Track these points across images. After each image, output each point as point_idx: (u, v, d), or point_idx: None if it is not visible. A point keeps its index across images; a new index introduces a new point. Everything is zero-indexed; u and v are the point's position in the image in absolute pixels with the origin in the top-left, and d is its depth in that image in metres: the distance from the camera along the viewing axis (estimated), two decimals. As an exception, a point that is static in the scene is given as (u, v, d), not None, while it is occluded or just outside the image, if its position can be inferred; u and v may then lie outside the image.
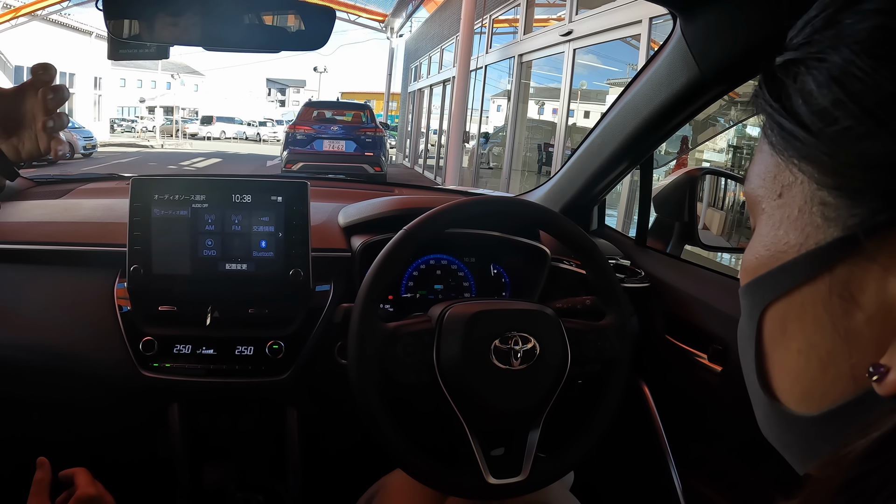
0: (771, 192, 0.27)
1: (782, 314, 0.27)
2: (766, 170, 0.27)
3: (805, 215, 0.25)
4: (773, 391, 0.29)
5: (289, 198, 0.92)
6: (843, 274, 0.24)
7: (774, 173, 0.27)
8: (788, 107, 0.25)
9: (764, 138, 0.28)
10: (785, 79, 0.26)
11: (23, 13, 17.22)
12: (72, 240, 0.96)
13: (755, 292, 0.28)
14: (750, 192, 0.29)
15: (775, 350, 0.28)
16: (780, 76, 0.26)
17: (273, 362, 0.91)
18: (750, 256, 0.29)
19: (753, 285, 0.29)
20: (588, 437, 0.78)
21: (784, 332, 0.27)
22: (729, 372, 0.84)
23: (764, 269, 0.28)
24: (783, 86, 0.26)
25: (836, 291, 0.24)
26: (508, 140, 8.03)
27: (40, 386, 0.93)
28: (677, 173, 1.12)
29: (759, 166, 0.28)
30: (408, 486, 0.81)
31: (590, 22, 5.68)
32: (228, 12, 0.65)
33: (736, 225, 1.18)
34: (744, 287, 0.30)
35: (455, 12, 10.15)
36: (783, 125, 0.25)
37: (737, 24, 0.71)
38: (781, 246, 0.26)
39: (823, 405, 0.25)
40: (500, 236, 1.02)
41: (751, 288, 0.29)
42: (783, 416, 0.28)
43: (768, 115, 0.27)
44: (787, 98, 0.25)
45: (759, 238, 0.28)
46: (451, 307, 0.76)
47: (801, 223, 0.25)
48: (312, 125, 8.20)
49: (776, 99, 0.26)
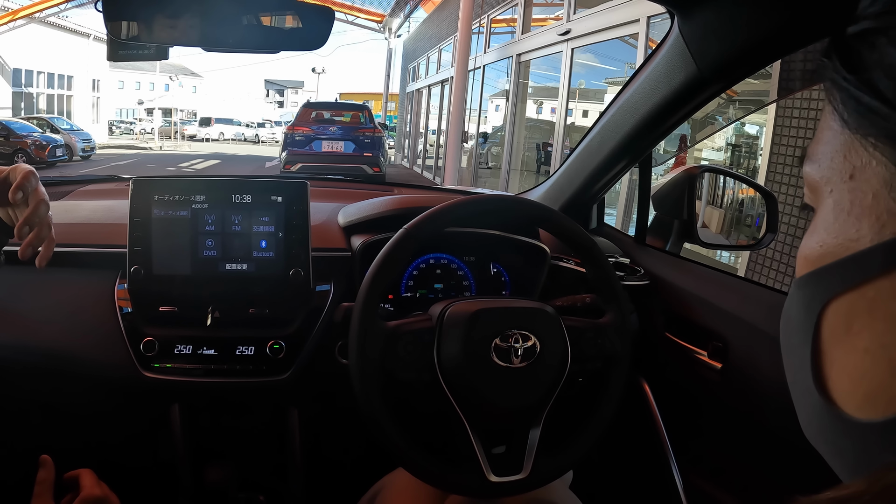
0: (840, 174, 0.24)
1: (848, 309, 0.24)
2: (835, 149, 0.25)
3: (881, 201, 0.22)
4: (829, 392, 0.26)
5: (289, 198, 0.92)
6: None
7: (845, 152, 0.24)
8: (866, 80, 0.23)
9: (832, 114, 0.25)
10: (861, 49, 0.23)
11: (21, 15, 17.21)
12: (72, 241, 0.96)
13: (817, 284, 0.26)
14: (812, 174, 0.26)
15: (836, 348, 0.25)
16: (856, 46, 0.23)
17: (274, 362, 0.91)
18: (812, 244, 0.26)
19: (815, 276, 0.26)
20: (588, 435, 0.78)
21: (849, 329, 0.24)
22: (729, 369, 0.84)
23: (829, 259, 0.25)
24: (859, 57, 0.23)
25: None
26: (507, 140, 8.04)
27: (41, 388, 0.93)
28: (676, 171, 1.12)
29: (826, 145, 0.25)
30: (410, 485, 0.81)
31: (588, 21, 5.69)
32: (227, 13, 0.65)
33: (735, 222, 1.18)
34: (803, 277, 0.27)
35: (453, 12, 10.15)
36: (860, 99, 0.23)
37: (734, 22, 0.72)
38: (852, 234, 0.24)
39: (889, 411, 0.23)
40: (500, 235, 1.02)
41: (812, 279, 0.26)
42: (838, 419, 0.25)
43: (841, 89, 0.24)
44: (865, 70, 0.23)
45: (823, 224, 0.25)
46: (451, 306, 0.76)
47: (877, 210, 0.22)
48: (311, 126, 8.20)
49: (851, 71, 0.23)
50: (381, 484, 0.85)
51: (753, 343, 0.82)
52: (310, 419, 1.02)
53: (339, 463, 1.16)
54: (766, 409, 0.79)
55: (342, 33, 24.91)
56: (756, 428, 0.83)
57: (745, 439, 0.87)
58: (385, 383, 0.72)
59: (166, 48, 0.68)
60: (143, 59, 0.71)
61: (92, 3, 0.62)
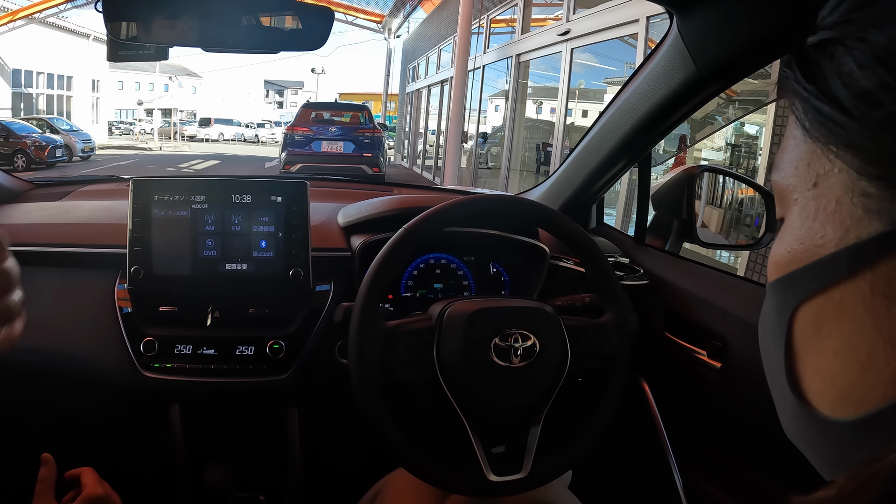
0: (805, 182, 0.25)
1: (817, 313, 0.25)
2: (799, 157, 0.25)
3: (844, 207, 0.23)
4: (804, 393, 0.27)
5: (288, 198, 0.92)
6: (887, 270, 0.22)
7: (808, 161, 0.25)
8: (825, 89, 0.23)
9: (795, 123, 0.26)
10: (820, 59, 0.24)
11: (20, 16, 17.21)
12: (72, 241, 0.96)
13: (787, 289, 0.27)
14: (780, 182, 0.27)
15: (807, 350, 0.26)
16: (815, 57, 0.24)
17: (274, 362, 0.91)
18: (781, 250, 0.27)
19: (785, 281, 0.27)
20: (588, 434, 0.78)
21: (818, 331, 0.25)
22: (728, 368, 0.85)
23: (797, 265, 0.26)
24: (818, 67, 0.24)
25: (878, 290, 0.22)
26: (506, 140, 8.04)
27: (41, 388, 0.93)
28: (675, 171, 1.12)
29: (791, 153, 0.26)
30: (410, 485, 0.81)
31: (587, 21, 5.70)
32: (227, 13, 0.65)
33: (734, 222, 1.18)
34: (773, 283, 0.28)
35: (452, 13, 10.15)
36: (820, 109, 0.23)
37: (733, 21, 0.72)
38: (817, 240, 0.24)
39: (861, 410, 0.23)
40: (500, 235, 1.02)
41: (782, 284, 0.27)
42: (814, 420, 0.26)
43: (802, 99, 0.25)
44: (824, 80, 0.23)
45: (791, 231, 0.26)
46: (450, 305, 0.76)
47: (840, 215, 0.23)
48: (311, 126, 8.20)
49: (810, 81, 0.24)
50: (381, 484, 0.85)
51: (753, 342, 0.82)
52: (310, 419, 1.02)
53: (339, 463, 1.16)
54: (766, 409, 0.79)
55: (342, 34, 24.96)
56: (755, 427, 0.83)
57: (745, 438, 0.87)
58: (385, 383, 0.72)
59: (166, 48, 0.68)
60: (143, 60, 0.71)
61: (91, 3, 0.62)
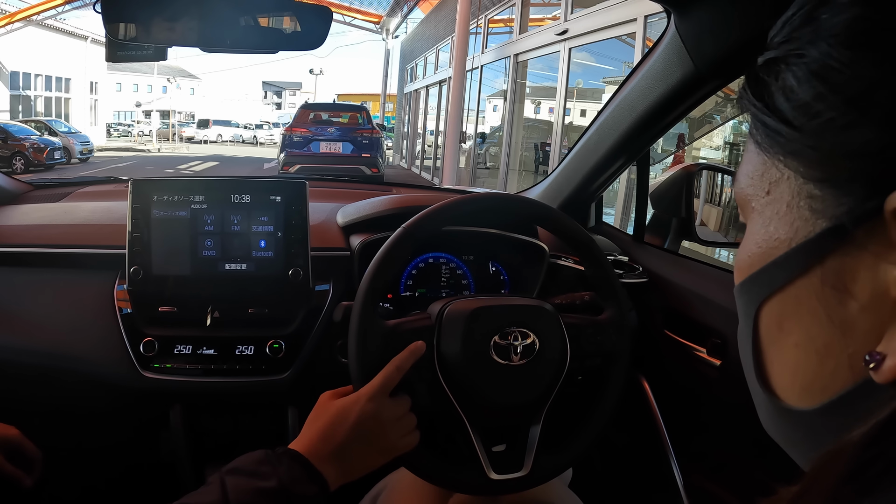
0: (759, 191, 0.27)
1: (778, 310, 0.27)
2: (754, 168, 0.28)
3: (793, 210, 0.25)
4: (773, 389, 0.28)
5: (287, 197, 0.92)
6: (835, 264, 0.24)
7: (762, 171, 0.27)
8: (771, 105, 0.26)
9: (750, 138, 0.28)
10: (767, 77, 0.26)
11: (18, 18, 17.18)
12: (71, 242, 0.96)
13: (749, 290, 0.28)
14: (740, 192, 0.29)
15: (772, 347, 0.28)
16: (763, 75, 0.26)
17: (274, 362, 0.91)
18: (742, 255, 0.29)
19: (747, 283, 0.29)
20: (588, 432, 0.78)
21: (780, 328, 0.27)
22: (728, 365, 0.85)
23: (757, 267, 0.28)
24: (766, 85, 0.26)
25: (828, 282, 0.24)
26: (505, 140, 8.04)
27: (41, 389, 0.93)
28: (674, 170, 1.12)
29: (747, 166, 0.28)
30: (411, 484, 0.81)
31: (585, 21, 5.70)
32: (225, 13, 0.65)
33: (733, 220, 1.18)
34: (738, 286, 0.30)
35: (450, 13, 10.16)
36: (767, 123, 0.26)
37: (730, 19, 0.72)
38: (772, 242, 0.26)
39: (824, 397, 0.25)
40: (499, 233, 1.03)
41: (745, 286, 0.29)
42: (786, 413, 0.28)
43: (753, 115, 0.27)
44: (770, 96, 0.26)
45: (750, 236, 0.28)
46: (450, 304, 0.76)
47: (790, 218, 0.25)
48: (309, 127, 8.20)
49: (759, 98, 0.26)
50: (383, 483, 0.86)
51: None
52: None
53: None
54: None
55: (340, 34, 24.98)
56: (755, 424, 0.84)
57: (745, 435, 0.87)
58: None
59: (165, 49, 0.68)
60: (142, 60, 0.71)
61: (89, 5, 0.61)
